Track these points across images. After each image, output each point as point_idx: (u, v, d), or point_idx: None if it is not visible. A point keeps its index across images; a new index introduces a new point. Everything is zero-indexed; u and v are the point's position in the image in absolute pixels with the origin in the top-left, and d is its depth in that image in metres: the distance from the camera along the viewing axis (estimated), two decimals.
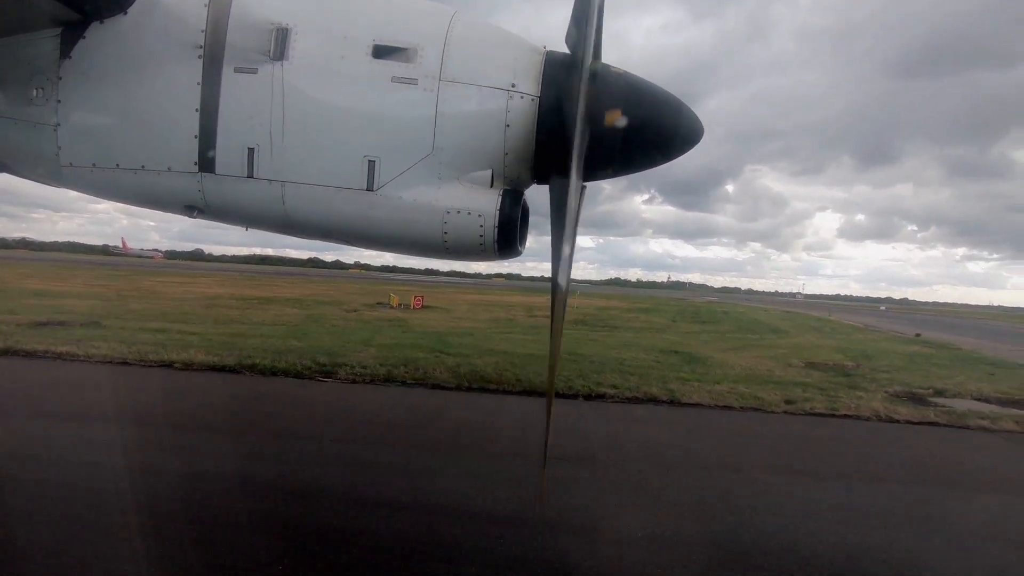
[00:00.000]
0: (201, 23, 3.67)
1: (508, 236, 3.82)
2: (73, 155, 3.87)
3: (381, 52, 3.62)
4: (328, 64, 3.66)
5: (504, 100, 3.63)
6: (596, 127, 3.51)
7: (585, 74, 3.27)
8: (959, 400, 13.17)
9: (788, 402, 11.35)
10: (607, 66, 3.71)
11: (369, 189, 3.69)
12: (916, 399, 12.89)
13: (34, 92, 3.80)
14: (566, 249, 3.39)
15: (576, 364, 14.36)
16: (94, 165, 3.88)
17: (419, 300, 33.59)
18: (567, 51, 3.61)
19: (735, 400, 11.22)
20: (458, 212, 3.73)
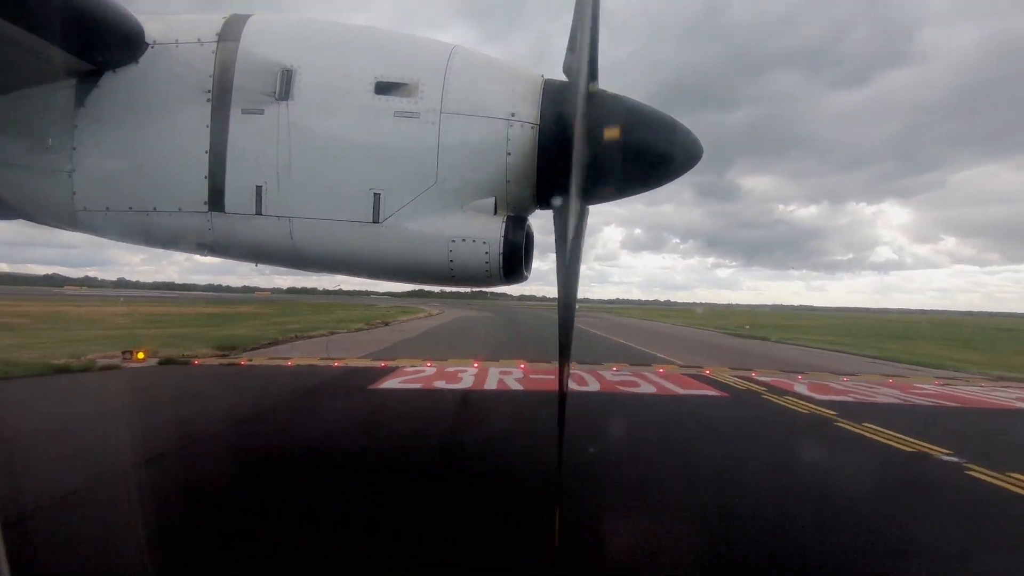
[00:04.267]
0: (209, 68, 3.79)
1: (513, 262, 3.85)
2: (87, 200, 3.97)
3: (383, 88, 3.72)
4: (332, 102, 3.76)
5: (504, 129, 3.69)
6: (596, 151, 3.56)
7: (583, 100, 3.33)
8: None
9: None
10: (604, 91, 3.77)
11: (375, 221, 3.75)
12: None
13: (50, 140, 3.93)
14: (572, 269, 3.40)
15: None
16: (108, 208, 3.98)
17: None
18: (564, 79, 3.69)
19: None
20: (463, 240, 3.77)
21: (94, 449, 6.94)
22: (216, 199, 3.82)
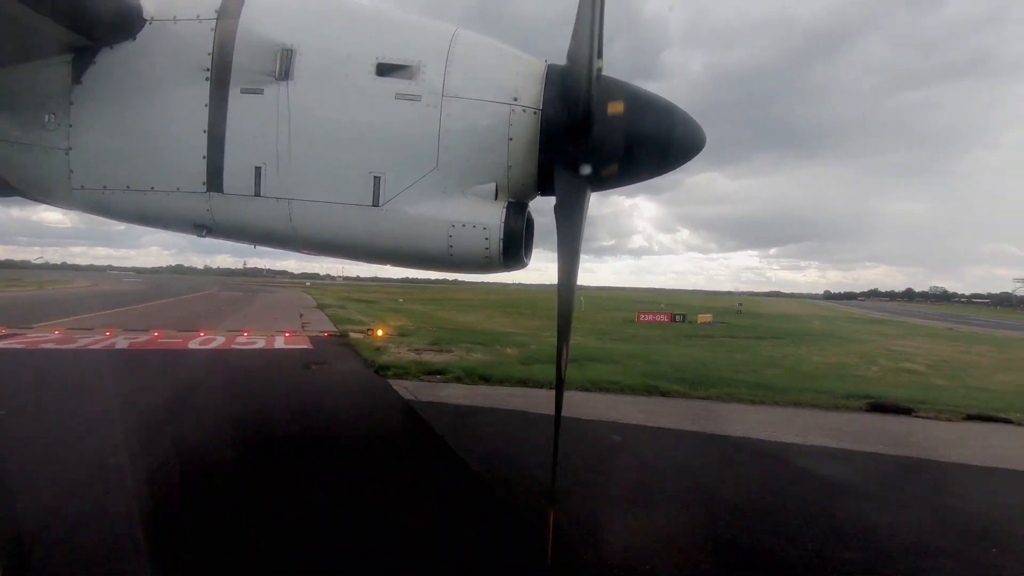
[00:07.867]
0: (208, 46, 3.73)
1: (513, 248, 3.83)
2: (84, 178, 3.93)
3: (384, 70, 3.66)
4: (333, 83, 3.71)
5: (506, 114, 3.65)
6: (599, 137, 3.52)
7: (586, 86, 3.28)
8: None
9: None
10: (607, 77, 3.72)
11: (375, 205, 3.72)
12: None
13: (46, 117, 3.88)
14: (572, 256, 3.39)
15: None
16: (105, 187, 3.94)
17: None
18: (568, 64, 3.64)
19: None
20: (463, 225, 3.74)
21: None
22: (214, 179, 3.78)
